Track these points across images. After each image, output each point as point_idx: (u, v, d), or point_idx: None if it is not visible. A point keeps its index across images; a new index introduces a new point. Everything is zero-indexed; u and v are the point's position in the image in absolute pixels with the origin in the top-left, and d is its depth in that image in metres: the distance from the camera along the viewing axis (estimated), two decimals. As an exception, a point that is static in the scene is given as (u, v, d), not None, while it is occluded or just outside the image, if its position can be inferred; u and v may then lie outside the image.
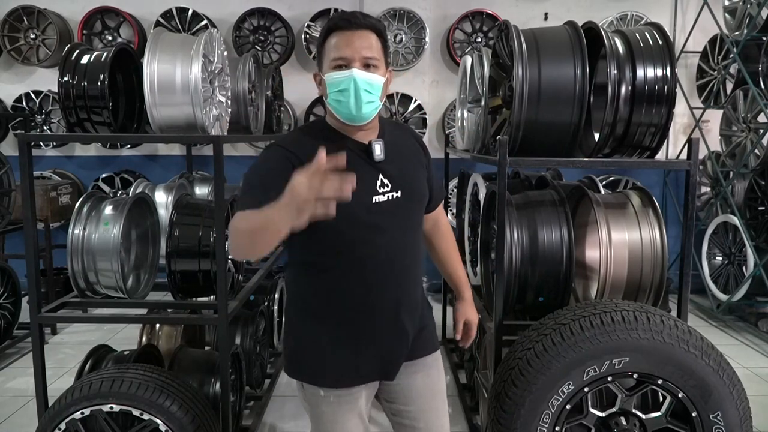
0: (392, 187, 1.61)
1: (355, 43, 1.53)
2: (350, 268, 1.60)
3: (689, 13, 5.56)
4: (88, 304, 2.80)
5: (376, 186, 1.59)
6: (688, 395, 2.00)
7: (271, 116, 3.97)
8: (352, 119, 1.57)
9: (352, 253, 1.59)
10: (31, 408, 3.12)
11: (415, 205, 1.69)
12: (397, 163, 1.64)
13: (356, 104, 1.53)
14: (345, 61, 1.53)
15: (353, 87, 1.52)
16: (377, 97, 1.56)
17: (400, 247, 1.64)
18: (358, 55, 1.53)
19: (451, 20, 5.47)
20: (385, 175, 1.61)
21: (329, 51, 1.56)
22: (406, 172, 1.66)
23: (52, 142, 5.56)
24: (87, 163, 5.67)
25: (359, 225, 1.57)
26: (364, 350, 1.65)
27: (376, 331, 1.65)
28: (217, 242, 2.45)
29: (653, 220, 2.51)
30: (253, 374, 3.22)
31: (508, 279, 2.41)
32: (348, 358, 1.65)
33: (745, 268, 4.64)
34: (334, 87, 1.54)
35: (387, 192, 1.60)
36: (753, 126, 4.52)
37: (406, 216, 1.64)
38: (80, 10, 5.35)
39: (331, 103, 1.57)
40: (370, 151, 1.60)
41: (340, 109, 1.56)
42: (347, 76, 1.52)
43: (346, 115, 1.57)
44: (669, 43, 2.35)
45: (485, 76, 2.82)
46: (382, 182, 1.60)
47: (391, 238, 1.61)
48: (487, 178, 3.22)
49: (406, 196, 1.63)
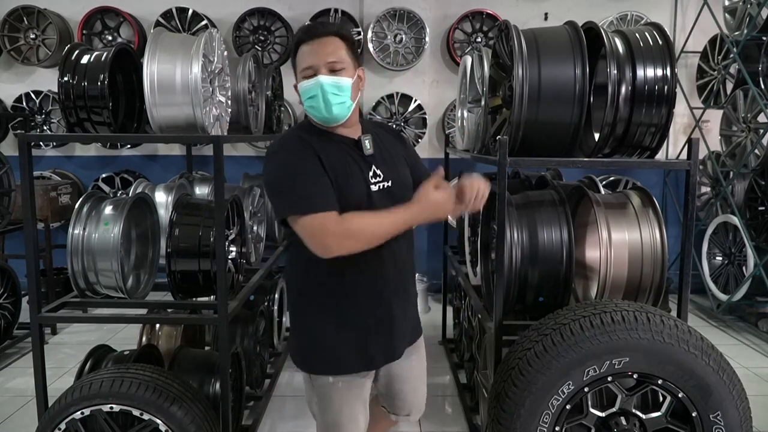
0: (383, 178, 1.76)
1: (318, 51, 1.68)
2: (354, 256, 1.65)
3: (689, 13, 5.56)
4: (88, 304, 2.80)
5: (369, 176, 1.74)
6: (688, 395, 2.00)
7: (271, 116, 3.97)
8: (326, 120, 1.72)
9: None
10: (31, 408, 3.12)
11: (403, 194, 1.78)
12: (385, 157, 1.80)
13: (326, 107, 1.68)
14: (312, 70, 1.69)
15: (321, 91, 1.67)
16: (348, 97, 1.71)
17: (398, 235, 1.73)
18: (322, 61, 1.68)
19: (451, 20, 5.47)
20: (377, 167, 1.76)
21: (299, 62, 1.72)
22: (393, 165, 1.81)
23: (52, 142, 5.56)
24: (87, 163, 5.67)
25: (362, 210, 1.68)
26: (371, 334, 1.76)
27: (383, 315, 1.77)
28: (217, 242, 2.45)
29: (653, 220, 2.51)
30: (253, 374, 3.22)
31: (508, 279, 2.41)
32: (356, 344, 1.76)
33: (745, 268, 4.64)
34: (306, 94, 1.70)
35: (379, 182, 1.75)
36: (753, 126, 4.52)
37: (397, 204, 1.73)
38: (80, 10, 5.35)
39: (306, 109, 1.73)
40: (360, 146, 1.75)
41: (314, 113, 1.72)
42: (315, 83, 1.67)
43: (320, 118, 1.72)
44: (669, 43, 2.35)
45: (485, 76, 2.82)
46: (374, 173, 1.75)
47: None
48: (487, 178, 3.22)
49: (395, 185, 1.78)
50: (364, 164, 1.74)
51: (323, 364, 1.78)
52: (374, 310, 1.76)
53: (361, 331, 1.76)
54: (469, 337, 3.45)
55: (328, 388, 1.78)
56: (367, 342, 1.77)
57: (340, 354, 1.76)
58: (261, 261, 3.47)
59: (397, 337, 1.82)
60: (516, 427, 2.03)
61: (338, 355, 1.76)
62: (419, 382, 2.02)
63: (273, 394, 3.52)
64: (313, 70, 1.68)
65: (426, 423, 3.18)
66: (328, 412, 1.80)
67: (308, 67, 1.69)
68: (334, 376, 1.76)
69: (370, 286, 1.75)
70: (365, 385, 1.83)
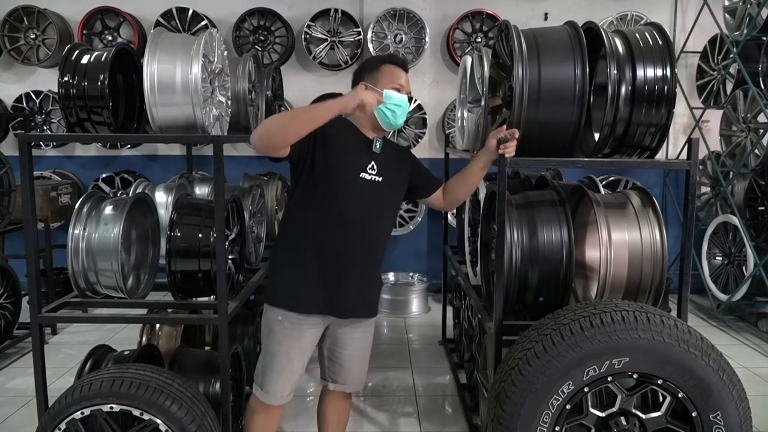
0: (377, 173, 2.18)
1: (404, 78, 2.20)
2: (333, 214, 2.12)
3: (689, 13, 5.56)
4: (88, 304, 2.80)
5: (367, 167, 2.16)
6: (688, 395, 2.00)
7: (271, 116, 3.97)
8: (390, 126, 2.17)
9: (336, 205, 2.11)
10: (31, 408, 3.12)
11: (389, 194, 2.23)
12: (386, 161, 2.21)
13: (402, 117, 2.16)
14: (400, 87, 2.17)
15: (405, 106, 2.17)
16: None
17: (372, 219, 2.18)
18: (407, 88, 2.21)
19: (451, 20, 5.48)
20: (376, 163, 2.18)
21: (390, 75, 2.17)
22: (390, 169, 2.22)
23: (52, 142, 5.56)
24: (87, 163, 5.67)
25: (349, 187, 2.12)
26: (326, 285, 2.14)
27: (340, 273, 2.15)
28: (217, 242, 2.45)
29: (653, 220, 2.51)
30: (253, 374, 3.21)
31: (508, 279, 2.41)
32: (312, 290, 2.14)
33: (745, 268, 4.65)
34: (394, 101, 2.13)
35: (372, 175, 2.17)
36: (753, 126, 4.52)
37: (380, 198, 2.20)
38: (80, 10, 5.35)
39: (382, 110, 2.12)
40: (371, 144, 2.19)
41: (389, 117, 2.13)
42: (404, 98, 2.16)
43: (390, 123, 2.15)
44: (669, 43, 2.35)
45: (485, 76, 2.82)
46: (372, 166, 2.17)
47: (367, 209, 2.15)
48: (487, 178, 3.22)
49: (385, 183, 2.19)
50: (367, 156, 2.17)
51: (278, 298, 2.18)
52: (334, 268, 2.14)
53: (317, 281, 2.14)
54: (469, 337, 3.45)
55: (275, 323, 2.17)
56: (318, 291, 2.14)
57: (292, 292, 2.15)
58: (261, 261, 3.47)
59: (345, 299, 2.17)
60: (516, 427, 2.03)
61: (291, 293, 2.15)
62: (359, 354, 2.31)
63: (273, 394, 3.51)
64: (401, 88, 2.17)
65: (426, 423, 3.18)
66: (270, 342, 2.19)
67: (401, 85, 2.17)
68: (283, 312, 2.14)
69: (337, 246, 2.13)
70: (306, 332, 2.18)
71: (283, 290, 2.18)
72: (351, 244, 2.14)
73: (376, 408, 3.39)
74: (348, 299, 2.18)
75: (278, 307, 2.17)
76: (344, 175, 2.12)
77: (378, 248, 2.24)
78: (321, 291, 2.15)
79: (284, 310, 2.15)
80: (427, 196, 2.39)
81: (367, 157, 2.17)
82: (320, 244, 2.14)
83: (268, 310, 2.21)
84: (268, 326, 2.20)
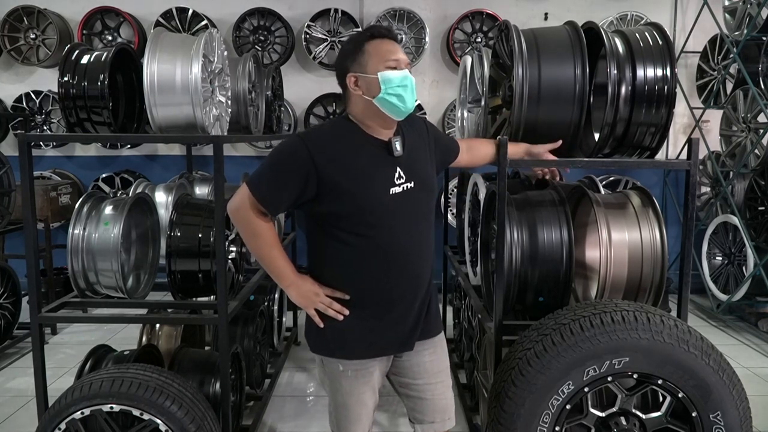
0: (407, 179, 1.81)
1: (398, 50, 1.77)
2: (370, 249, 1.78)
3: (689, 13, 5.56)
4: (88, 304, 2.80)
5: (394, 178, 1.79)
6: (688, 395, 2.00)
7: (271, 116, 3.97)
8: (401, 114, 1.78)
9: (372, 236, 1.77)
10: (31, 408, 3.13)
11: (425, 195, 1.88)
12: (413, 157, 1.86)
13: (412, 98, 1.76)
14: (397, 63, 1.75)
15: (410, 84, 1.76)
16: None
17: (413, 232, 1.84)
18: (404, 60, 1.77)
19: (451, 20, 5.47)
20: (402, 168, 1.81)
21: (379, 53, 1.75)
22: (419, 165, 1.87)
23: (52, 142, 5.56)
24: (87, 163, 5.67)
25: (380, 211, 1.77)
26: (381, 326, 1.84)
27: (393, 308, 1.84)
28: (217, 242, 2.45)
29: (653, 220, 2.51)
30: (253, 374, 3.22)
31: (508, 279, 2.41)
32: (365, 334, 1.84)
33: (745, 268, 4.64)
34: (395, 83, 1.73)
35: (402, 183, 1.80)
36: (753, 126, 4.52)
37: (417, 205, 1.84)
38: (80, 10, 5.35)
39: (385, 98, 1.74)
40: (390, 147, 1.80)
41: (395, 104, 1.74)
42: (405, 75, 1.75)
43: (400, 110, 1.76)
44: (669, 43, 2.35)
45: (485, 76, 2.81)
46: (399, 174, 1.80)
47: (406, 223, 1.81)
48: (487, 178, 3.22)
49: (418, 186, 1.83)
50: (391, 166, 1.80)
51: (334, 348, 1.86)
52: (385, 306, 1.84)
53: (372, 319, 1.83)
54: (469, 337, 3.45)
55: (338, 374, 1.87)
56: (377, 330, 1.84)
57: (349, 339, 1.84)
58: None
59: (407, 328, 1.88)
60: (516, 427, 2.03)
61: (348, 340, 1.84)
62: (434, 379, 1.97)
63: (273, 394, 3.52)
64: (398, 64, 1.75)
65: (426, 423, 3.17)
66: (338, 393, 1.90)
67: (395, 59, 1.74)
68: (343, 361, 1.85)
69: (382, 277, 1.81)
70: (374, 372, 1.89)
71: (335, 339, 1.85)
72: (398, 271, 1.82)
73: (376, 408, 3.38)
74: (408, 329, 1.88)
75: (336, 358, 1.86)
76: (371, 200, 1.75)
77: (426, 255, 1.90)
78: (379, 332, 1.85)
79: (344, 360, 1.85)
80: (451, 163, 2.16)
81: (391, 167, 1.79)
82: (366, 287, 1.82)
83: (325, 361, 1.89)
84: (332, 378, 1.90)
